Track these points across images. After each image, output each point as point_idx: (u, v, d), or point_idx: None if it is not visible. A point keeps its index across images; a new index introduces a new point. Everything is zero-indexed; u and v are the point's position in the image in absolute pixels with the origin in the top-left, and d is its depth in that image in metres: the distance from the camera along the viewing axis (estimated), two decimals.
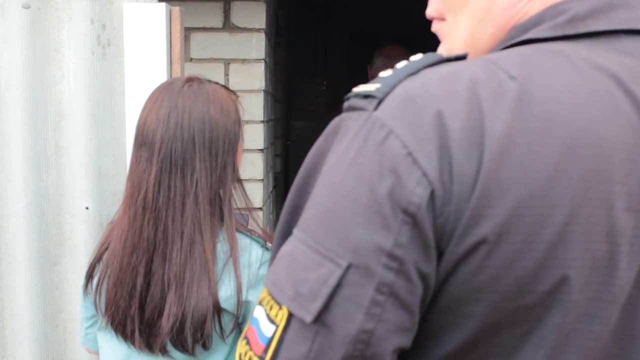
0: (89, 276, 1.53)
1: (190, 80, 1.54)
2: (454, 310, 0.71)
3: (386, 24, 7.14)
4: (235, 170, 1.53)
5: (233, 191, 1.52)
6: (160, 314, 1.41)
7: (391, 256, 0.68)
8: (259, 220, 1.57)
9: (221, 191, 1.49)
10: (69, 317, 2.11)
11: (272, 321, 0.72)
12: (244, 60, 3.21)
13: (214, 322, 1.40)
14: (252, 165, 3.21)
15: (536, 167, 0.69)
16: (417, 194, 0.68)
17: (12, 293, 2.10)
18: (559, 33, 0.79)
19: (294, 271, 0.71)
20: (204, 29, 3.18)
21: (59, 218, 2.09)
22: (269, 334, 0.72)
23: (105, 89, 2.06)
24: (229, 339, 1.46)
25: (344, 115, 0.76)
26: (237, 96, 1.60)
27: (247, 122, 3.21)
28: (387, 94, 0.72)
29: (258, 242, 1.49)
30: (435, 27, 0.94)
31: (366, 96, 0.74)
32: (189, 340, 1.40)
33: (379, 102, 0.72)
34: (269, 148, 3.68)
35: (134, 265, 1.43)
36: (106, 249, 1.52)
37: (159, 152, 1.43)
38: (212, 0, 3.17)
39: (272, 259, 0.80)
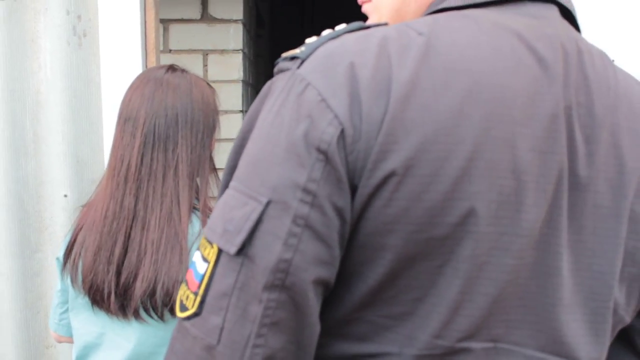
0: (67, 255, 1.58)
1: (173, 67, 1.63)
2: (371, 243, 0.78)
3: None
4: (211, 155, 1.61)
5: (209, 176, 1.60)
6: (135, 279, 1.48)
7: (305, 190, 0.75)
8: None
9: (198, 179, 1.56)
10: (50, 303, 2.14)
11: (205, 260, 0.79)
12: (222, 51, 3.25)
13: None
14: None
15: (440, 108, 0.76)
16: (328, 132, 0.75)
17: None
18: (470, 2, 0.87)
19: (224, 213, 0.79)
20: (182, 21, 3.22)
21: (38, 206, 2.13)
22: (202, 271, 0.79)
23: (81, 79, 2.10)
24: None
25: (274, 78, 0.84)
26: (214, 90, 1.69)
27: (226, 112, 3.26)
28: (309, 55, 0.80)
29: None
30: (364, 9, 1.02)
31: (292, 58, 0.82)
32: (159, 304, 1.47)
33: (302, 62, 0.80)
34: None
35: (114, 232, 1.51)
36: (81, 229, 1.57)
37: (142, 126, 1.52)
38: None
39: None
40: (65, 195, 2.10)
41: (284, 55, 0.84)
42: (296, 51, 0.83)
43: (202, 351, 0.77)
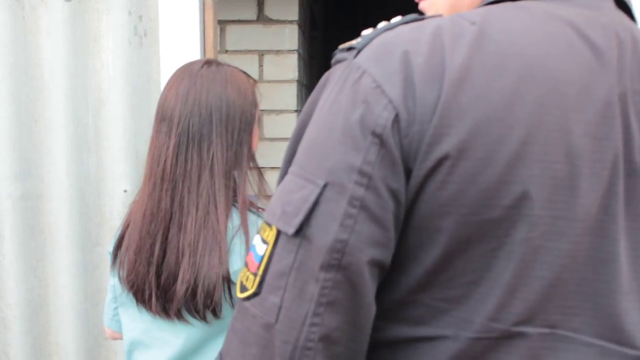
0: (116, 251, 1.60)
1: (209, 62, 1.61)
2: (426, 226, 0.79)
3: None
4: (250, 151, 1.59)
5: (249, 174, 1.58)
6: (175, 280, 1.47)
7: (361, 173, 0.77)
8: None
9: (236, 173, 1.55)
10: None
11: (264, 242, 0.82)
12: (277, 52, 3.28)
13: (224, 290, 1.46)
14: None
15: (493, 93, 0.77)
16: (383, 116, 0.78)
17: (56, 272, 2.20)
18: None
19: (282, 196, 0.82)
20: (239, 22, 3.26)
21: (99, 200, 2.19)
22: (261, 253, 0.81)
23: (142, 77, 2.15)
24: None
25: (331, 69, 0.87)
26: (255, 81, 1.67)
27: (281, 111, 3.29)
28: (365, 45, 0.83)
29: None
30: (421, 6, 1.04)
31: (349, 49, 0.85)
32: (200, 306, 1.46)
33: (358, 52, 0.83)
34: None
35: (153, 233, 1.50)
36: (128, 226, 1.59)
37: (177, 126, 1.51)
38: None
39: None
40: (125, 191, 2.15)
41: (341, 46, 0.87)
42: (353, 42, 0.86)
43: (261, 329, 0.79)
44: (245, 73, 1.64)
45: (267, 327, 0.79)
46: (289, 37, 3.28)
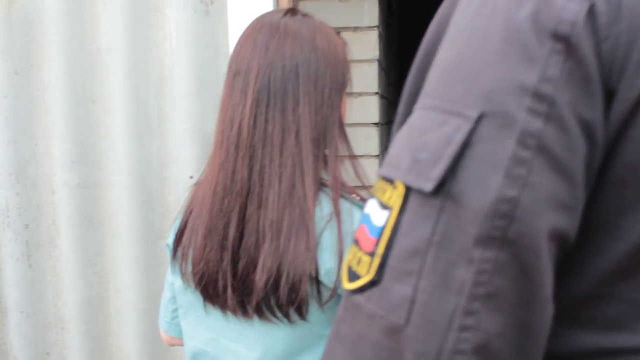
0: (177, 242, 1.37)
1: (293, 10, 1.37)
2: (636, 179, 0.57)
3: None
4: (340, 120, 1.34)
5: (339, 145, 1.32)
6: (255, 267, 1.24)
7: (537, 96, 0.54)
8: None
9: (326, 150, 1.30)
10: None
11: (384, 206, 0.58)
12: (355, 28, 3.05)
13: (312, 286, 1.23)
14: (366, 140, 3.03)
15: None
16: (569, 9, 0.54)
17: (116, 268, 2.04)
18: None
19: (411, 140, 0.58)
20: None
21: (162, 188, 2.00)
22: (380, 223, 0.58)
23: (209, 49, 1.95)
24: (329, 312, 1.27)
25: None
26: (344, 41, 1.42)
27: (360, 94, 3.06)
28: None
29: (360, 207, 1.29)
30: None
31: None
32: (284, 301, 1.23)
33: None
34: (385, 126, 3.49)
35: (226, 212, 1.26)
36: (192, 211, 1.35)
37: (255, 80, 1.26)
38: None
39: None
40: (191, 177, 1.96)
41: None
42: None
43: (382, 335, 0.57)
44: (332, 29, 1.38)
45: (391, 332, 0.56)
46: (369, 12, 3.03)
